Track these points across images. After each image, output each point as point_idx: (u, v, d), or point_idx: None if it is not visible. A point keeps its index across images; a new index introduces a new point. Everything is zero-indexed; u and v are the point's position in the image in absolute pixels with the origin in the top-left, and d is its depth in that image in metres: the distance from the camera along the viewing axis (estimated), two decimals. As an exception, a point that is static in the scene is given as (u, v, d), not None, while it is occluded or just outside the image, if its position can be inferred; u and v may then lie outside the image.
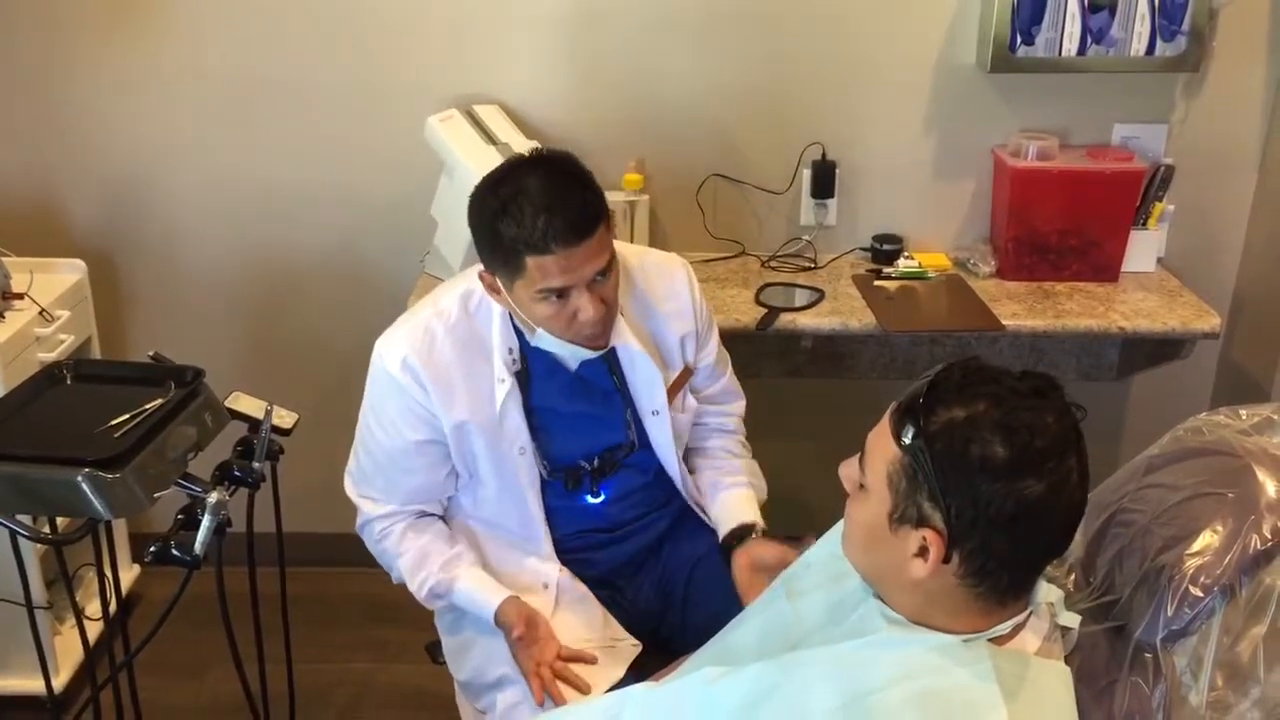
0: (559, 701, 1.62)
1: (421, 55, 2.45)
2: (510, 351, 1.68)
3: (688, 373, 1.81)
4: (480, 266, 1.62)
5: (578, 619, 1.74)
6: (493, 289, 1.62)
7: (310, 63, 2.46)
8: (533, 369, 1.71)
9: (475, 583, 1.73)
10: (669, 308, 1.77)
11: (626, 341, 1.70)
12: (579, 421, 1.75)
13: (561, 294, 1.54)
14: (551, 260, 1.50)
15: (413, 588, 1.76)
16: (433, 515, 1.80)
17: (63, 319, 2.28)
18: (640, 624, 1.78)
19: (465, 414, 1.67)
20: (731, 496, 1.83)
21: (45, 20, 2.44)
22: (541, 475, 1.74)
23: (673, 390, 1.78)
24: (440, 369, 1.66)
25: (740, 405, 1.94)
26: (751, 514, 1.79)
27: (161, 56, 2.46)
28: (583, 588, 1.77)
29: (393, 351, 1.67)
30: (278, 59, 2.46)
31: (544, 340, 1.62)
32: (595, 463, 1.77)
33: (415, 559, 1.74)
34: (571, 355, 1.65)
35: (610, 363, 1.74)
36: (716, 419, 1.91)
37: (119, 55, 2.46)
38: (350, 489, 1.80)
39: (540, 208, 1.48)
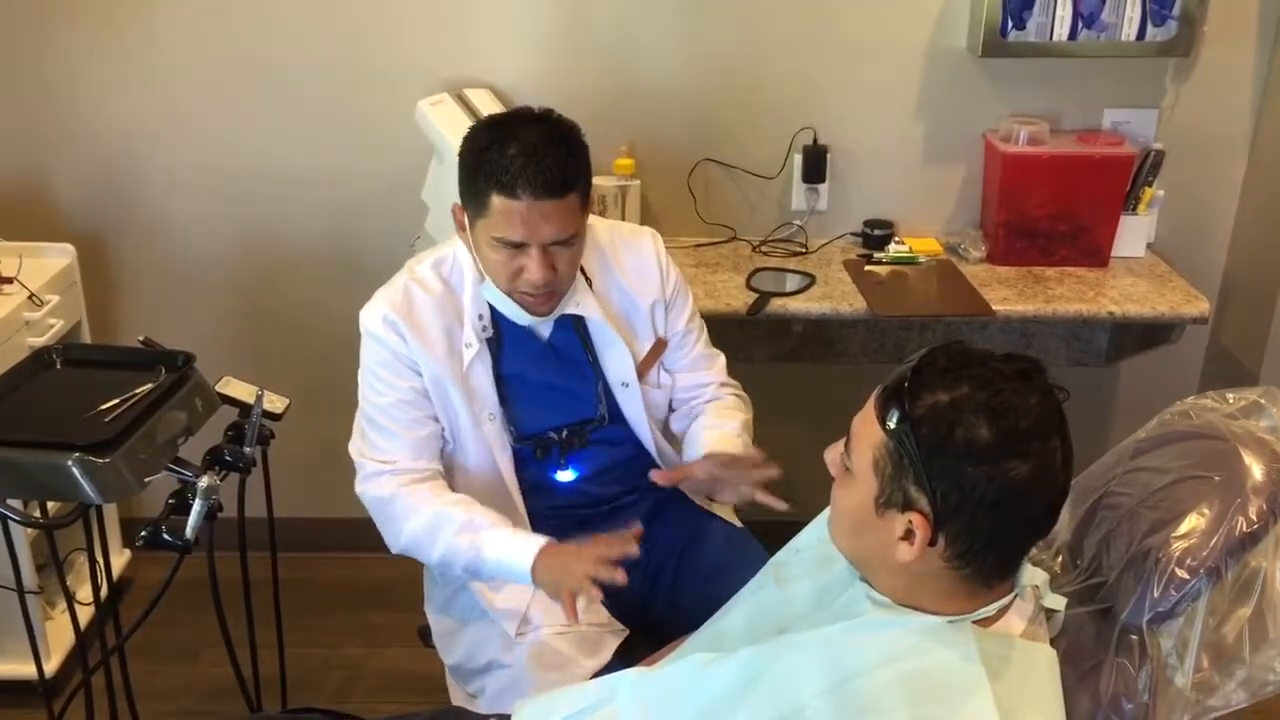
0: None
1: (412, 38, 2.44)
2: (481, 318, 1.71)
3: (661, 345, 1.82)
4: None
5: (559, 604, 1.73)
6: (460, 225, 1.66)
7: (301, 46, 2.45)
8: (505, 336, 1.73)
9: (502, 549, 1.63)
10: (637, 278, 1.79)
11: (593, 313, 1.72)
12: (549, 392, 1.77)
13: (517, 246, 1.57)
14: (515, 206, 1.53)
15: (422, 555, 1.70)
16: (439, 478, 1.74)
17: (52, 303, 2.28)
18: (629, 609, 1.77)
19: (442, 370, 1.69)
20: (713, 435, 1.79)
21: (33, 2, 2.42)
22: (511, 444, 1.75)
23: (646, 363, 1.80)
24: (418, 324, 1.69)
25: (718, 366, 1.90)
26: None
27: (150, 39, 2.45)
28: None
29: (373, 313, 1.70)
30: (268, 42, 2.45)
31: (489, 290, 1.66)
32: (564, 434, 1.78)
33: (430, 522, 1.67)
34: (513, 314, 1.68)
35: (583, 335, 1.76)
36: (695, 391, 1.87)
37: (107, 37, 2.45)
38: (356, 454, 1.74)
39: (522, 153, 1.52)
